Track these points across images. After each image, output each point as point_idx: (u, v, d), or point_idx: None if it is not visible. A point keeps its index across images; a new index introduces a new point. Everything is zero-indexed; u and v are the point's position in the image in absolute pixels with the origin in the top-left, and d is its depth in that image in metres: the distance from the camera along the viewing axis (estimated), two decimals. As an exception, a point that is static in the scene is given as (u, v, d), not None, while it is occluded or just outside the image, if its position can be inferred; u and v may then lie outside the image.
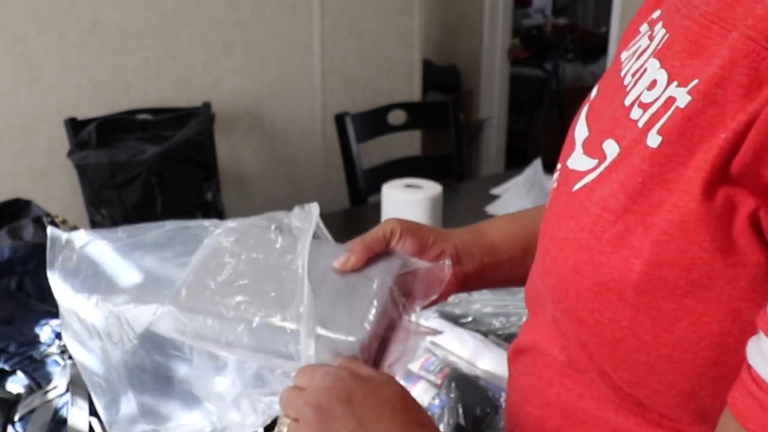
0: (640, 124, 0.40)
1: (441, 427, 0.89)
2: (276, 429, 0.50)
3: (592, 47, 4.62)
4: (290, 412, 0.48)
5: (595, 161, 0.43)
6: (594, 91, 0.54)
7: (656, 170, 0.37)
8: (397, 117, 2.22)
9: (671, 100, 0.38)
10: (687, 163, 0.36)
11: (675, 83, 0.39)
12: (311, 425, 0.46)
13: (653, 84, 0.41)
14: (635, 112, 0.41)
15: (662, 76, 0.40)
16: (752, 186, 0.34)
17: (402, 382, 0.50)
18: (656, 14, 0.49)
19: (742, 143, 0.34)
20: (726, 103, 0.34)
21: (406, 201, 1.63)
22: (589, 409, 0.47)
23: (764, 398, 0.31)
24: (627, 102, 0.43)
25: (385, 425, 0.46)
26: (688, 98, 0.37)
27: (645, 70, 0.43)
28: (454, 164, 2.27)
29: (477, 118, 3.71)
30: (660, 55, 0.42)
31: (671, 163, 0.36)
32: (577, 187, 0.43)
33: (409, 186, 1.68)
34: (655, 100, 0.40)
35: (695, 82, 0.37)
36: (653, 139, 0.38)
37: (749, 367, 0.32)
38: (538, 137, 4.18)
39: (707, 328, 0.35)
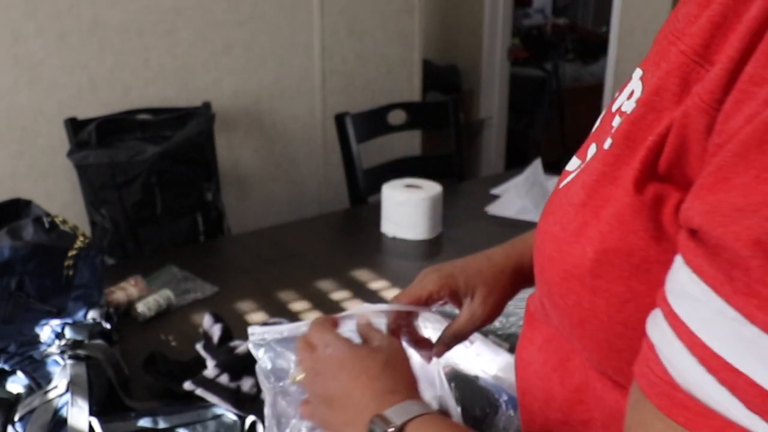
0: (613, 131, 0.44)
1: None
2: (291, 372, 0.69)
3: (592, 47, 4.62)
4: (302, 364, 0.62)
5: (579, 162, 0.49)
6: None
7: (607, 169, 0.42)
8: (397, 117, 2.22)
9: None
10: (630, 163, 0.40)
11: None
12: (311, 381, 0.60)
13: (631, 94, 0.45)
14: (615, 120, 0.45)
15: (638, 87, 0.44)
16: (678, 182, 0.38)
17: None
18: None
19: (665, 145, 0.38)
20: (662, 110, 0.39)
21: (406, 201, 1.63)
22: (587, 389, 0.49)
23: (653, 363, 0.34)
24: (613, 109, 0.47)
25: (361, 391, 0.56)
26: (634, 105, 0.42)
27: (630, 80, 0.47)
28: (454, 164, 2.27)
29: (477, 118, 3.71)
30: (642, 65, 0.47)
31: (618, 162, 0.41)
32: (562, 185, 0.49)
33: (409, 186, 1.68)
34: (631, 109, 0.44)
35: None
36: (607, 142, 0.43)
37: (647, 337, 0.36)
38: (538, 137, 4.18)
39: (651, 309, 0.38)
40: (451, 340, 0.73)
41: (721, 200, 0.31)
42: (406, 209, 1.63)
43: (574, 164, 0.49)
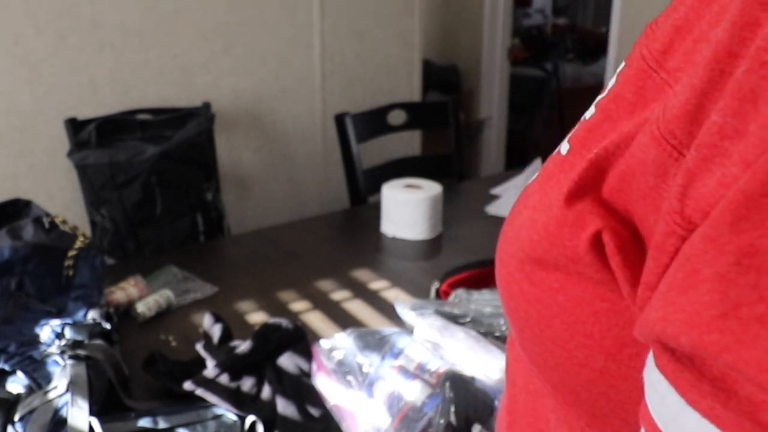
0: (570, 135, 0.41)
1: (434, 427, 0.89)
2: None
3: (592, 47, 4.62)
4: None
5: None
6: None
7: (562, 176, 0.37)
8: (397, 117, 2.22)
9: None
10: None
11: None
12: None
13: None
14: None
15: (611, 84, 0.42)
16: (607, 208, 0.33)
17: (399, 381, 0.52)
18: None
19: (611, 164, 0.33)
20: (618, 119, 0.34)
21: (406, 201, 1.63)
22: (518, 383, 0.48)
23: None
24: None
25: None
26: (593, 111, 0.37)
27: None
28: (454, 164, 2.27)
29: (477, 118, 3.71)
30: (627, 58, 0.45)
31: (572, 170, 0.37)
32: (529, 182, 0.47)
33: (409, 186, 1.68)
34: None
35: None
36: (564, 147, 0.39)
37: None
38: (538, 137, 4.18)
39: (580, 328, 0.35)
40: None
41: (695, 303, 0.23)
42: (406, 209, 1.64)
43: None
